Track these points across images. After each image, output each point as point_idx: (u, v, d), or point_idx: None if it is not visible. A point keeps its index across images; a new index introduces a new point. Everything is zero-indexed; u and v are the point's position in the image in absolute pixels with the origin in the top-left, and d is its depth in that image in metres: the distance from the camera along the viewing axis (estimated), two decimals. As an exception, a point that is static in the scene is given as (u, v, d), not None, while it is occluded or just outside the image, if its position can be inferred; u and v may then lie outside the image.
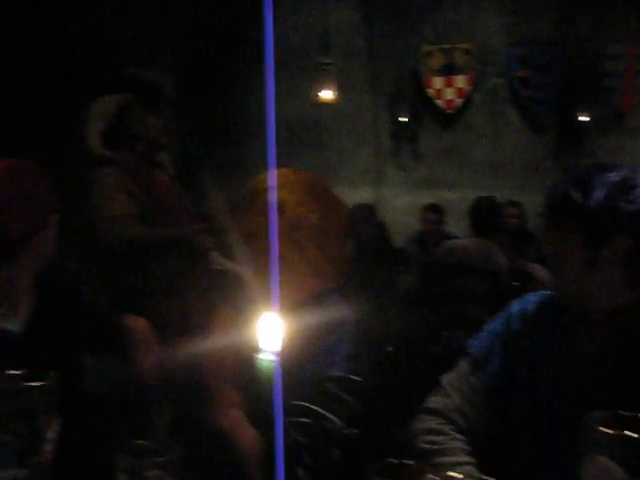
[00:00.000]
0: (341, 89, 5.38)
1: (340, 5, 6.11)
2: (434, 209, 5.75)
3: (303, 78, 6.15)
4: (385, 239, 5.06)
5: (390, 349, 3.18)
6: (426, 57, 6.57)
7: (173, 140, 3.04)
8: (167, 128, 3.00)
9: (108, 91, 2.98)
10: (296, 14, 6.38)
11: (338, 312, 1.70)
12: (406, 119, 6.54)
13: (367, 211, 5.04)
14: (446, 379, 1.60)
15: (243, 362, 1.64)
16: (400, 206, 6.46)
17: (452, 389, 1.57)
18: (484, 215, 4.71)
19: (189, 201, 2.97)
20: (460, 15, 6.56)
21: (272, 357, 0.70)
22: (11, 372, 1.00)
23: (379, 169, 6.51)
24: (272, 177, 1.12)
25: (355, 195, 6.11)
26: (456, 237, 5.78)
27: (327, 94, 4.95)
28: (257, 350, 0.70)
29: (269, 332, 0.70)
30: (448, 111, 6.62)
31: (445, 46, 6.59)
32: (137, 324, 1.90)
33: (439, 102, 6.60)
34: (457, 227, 6.05)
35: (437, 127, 6.70)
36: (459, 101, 6.63)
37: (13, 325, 1.68)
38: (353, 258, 1.91)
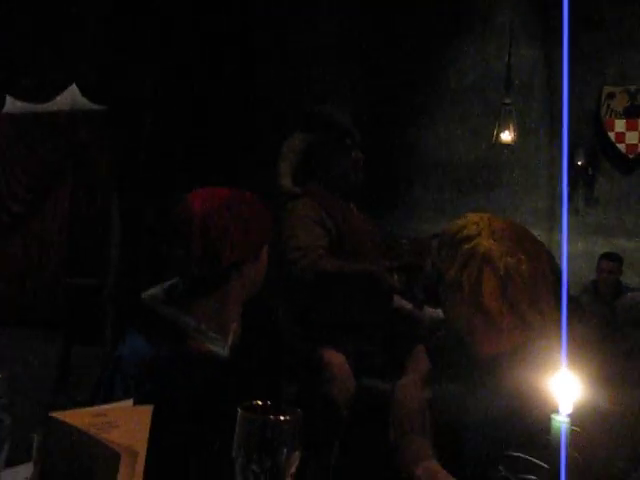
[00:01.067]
0: (519, 130, 5.27)
1: (521, 45, 6.00)
2: (612, 258, 5.47)
3: (482, 118, 6.08)
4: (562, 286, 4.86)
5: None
6: (608, 99, 6.29)
7: (361, 178, 3.05)
8: (356, 166, 3.02)
9: (298, 127, 3.05)
10: (477, 54, 6.35)
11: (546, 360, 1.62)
12: (583, 162, 6.27)
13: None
14: None
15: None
16: (572, 252, 6.18)
17: None
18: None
19: (380, 238, 2.97)
20: (646, 56, 6.25)
21: (565, 418, 0.66)
22: (257, 403, 1.02)
23: (553, 213, 6.29)
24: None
25: (527, 239, 5.92)
26: (633, 289, 5.46)
27: (505, 135, 4.85)
28: (553, 409, 0.66)
29: (564, 392, 0.66)
30: (630, 156, 6.28)
31: (629, 87, 6.28)
32: (336, 359, 1.92)
33: (620, 146, 6.28)
34: (634, 277, 5.72)
35: (616, 172, 6.38)
36: (642, 145, 6.29)
37: (221, 349, 1.74)
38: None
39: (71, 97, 6.04)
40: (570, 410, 0.67)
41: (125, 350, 1.68)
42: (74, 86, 5.22)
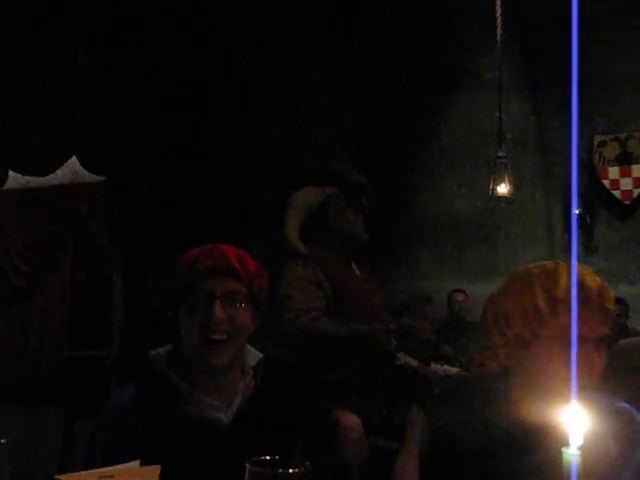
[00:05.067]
0: (514, 182, 5.31)
1: (510, 99, 6.10)
2: (617, 302, 5.45)
3: (476, 173, 6.14)
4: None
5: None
6: (600, 147, 6.38)
7: (368, 237, 3.01)
8: (365, 225, 2.99)
9: (308, 182, 3.01)
10: (467, 110, 6.46)
11: None
12: (580, 211, 6.32)
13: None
14: None
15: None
16: (576, 300, 6.16)
17: None
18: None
19: (381, 300, 2.95)
20: (635, 103, 6.36)
21: (575, 451, 0.66)
22: (265, 458, 1.01)
23: (552, 262, 6.29)
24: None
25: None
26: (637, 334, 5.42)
27: (502, 188, 4.89)
28: (564, 442, 0.66)
29: (572, 424, 0.66)
30: (626, 202, 6.34)
31: (620, 135, 6.38)
32: (352, 422, 1.86)
33: (616, 193, 6.35)
34: (637, 322, 5.70)
35: (613, 219, 6.42)
36: (637, 191, 6.35)
37: (223, 415, 1.68)
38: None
39: (71, 169, 6.13)
40: (580, 443, 0.66)
41: (112, 404, 1.66)
42: (74, 158, 5.31)
